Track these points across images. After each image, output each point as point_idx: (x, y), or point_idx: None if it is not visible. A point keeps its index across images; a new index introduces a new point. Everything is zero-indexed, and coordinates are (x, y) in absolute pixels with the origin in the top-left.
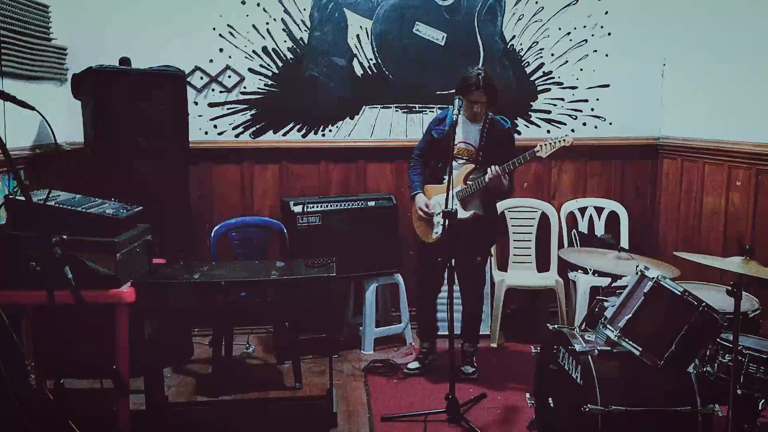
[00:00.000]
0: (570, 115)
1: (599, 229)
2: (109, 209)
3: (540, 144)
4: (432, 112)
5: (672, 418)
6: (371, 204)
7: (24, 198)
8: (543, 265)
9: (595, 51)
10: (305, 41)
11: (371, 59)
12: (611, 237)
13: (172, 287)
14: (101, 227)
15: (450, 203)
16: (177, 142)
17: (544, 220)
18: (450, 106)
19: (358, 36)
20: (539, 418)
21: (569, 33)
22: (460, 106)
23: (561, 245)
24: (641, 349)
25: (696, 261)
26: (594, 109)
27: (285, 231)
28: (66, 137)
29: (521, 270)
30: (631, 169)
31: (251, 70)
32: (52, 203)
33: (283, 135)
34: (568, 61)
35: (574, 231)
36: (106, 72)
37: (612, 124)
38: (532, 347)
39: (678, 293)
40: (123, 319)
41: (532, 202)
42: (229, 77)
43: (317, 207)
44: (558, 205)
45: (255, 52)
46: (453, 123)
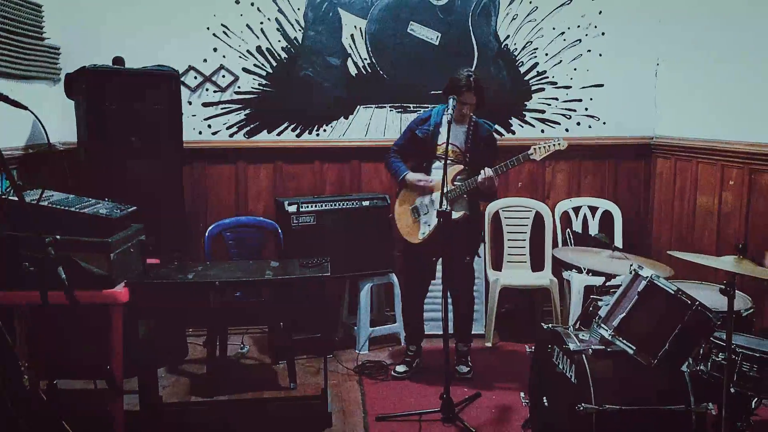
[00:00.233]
0: (564, 115)
1: (593, 229)
2: (103, 209)
3: (534, 147)
4: None
5: (666, 416)
6: (366, 204)
7: (17, 198)
8: (537, 265)
9: (589, 51)
10: (299, 41)
11: (365, 59)
12: (605, 236)
13: (166, 287)
14: (95, 227)
15: (444, 203)
16: (171, 142)
17: (538, 219)
18: (434, 106)
19: (352, 36)
20: (534, 417)
21: (563, 33)
22: (454, 106)
23: (555, 245)
24: (635, 348)
25: (689, 260)
26: (588, 109)
27: (279, 231)
28: (59, 137)
29: (516, 269)
30: (625, 169)
31: (245, 69)
32: (45, 203)
33: (278, 135)
34: (562, 61)
35: (568, 230)
36: (99, 72)
37: (606, 123)
38: (526, 346)
39: (671, 292)
40: (117, 320)
41: (526, 201)
42: (223, 77)
43: (312, 207)
44: (552, 205)
45: (249, 51)
46: (449, 122)
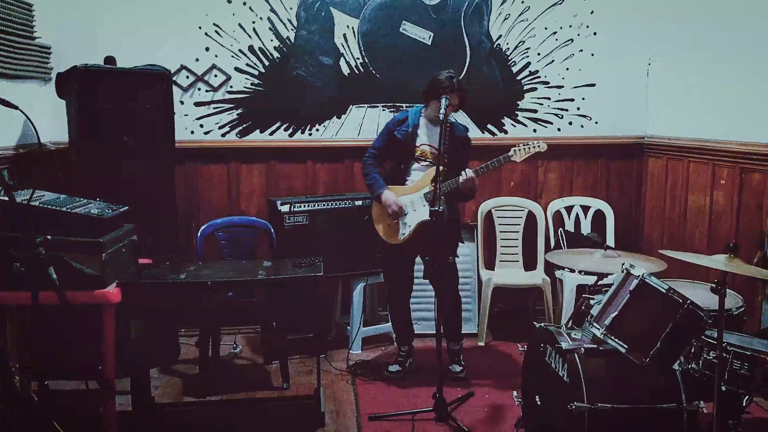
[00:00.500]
0: (556, 114)
1: (585, 228)
2: (95, 209)
3: (514, 149)
4: None
5: (658, 415)
6: (358, 203)
7: (7, 198)
8: (530, 264)
9: (581, 50)
10: (292, 40)
11: (358, 58)
12: (597, 235)
13: (158, 287)
14: (86, 227)
15: (437, 203)
16: (163, 141)
17: (530, 219)
18: (410, 107)
19: (344, 35)
20: (527, 416)
21: (555, 32)
22: (446, 105)
23: (548, 244)
24: (627, 347)
25: (681, 259)
26: (580, 108)
27: (272, 231)
28: (51, 137)
29: (508, 269)
30: (617, 168)
31: (238, 69)
32: (36, 203)
33: (270, 134)
34: (554, 61)
35: (560, 230)
36: (90, 71)
37: (598, 123)
38: (519, 346)
39: (663, 291)
40: (109, 320)
41: (518, 201)
42: (216, 76)
43: (304, 206)
44: (545, 204)
45: (241, 51)
46: (443, 122)
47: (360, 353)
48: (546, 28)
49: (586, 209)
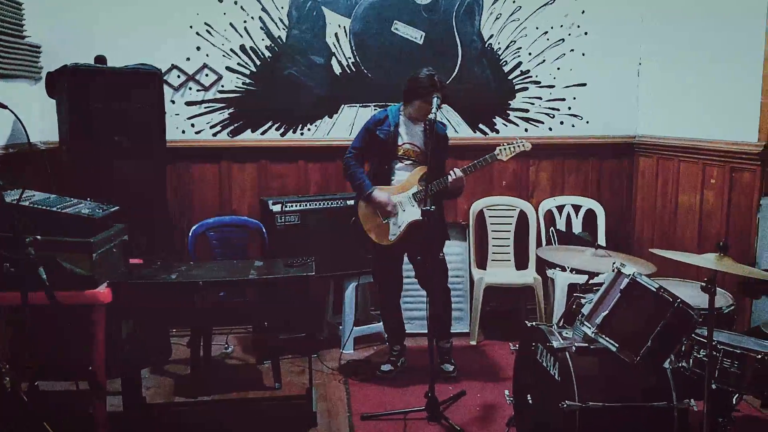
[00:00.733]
0: (548, 114)
1: (577, 227)
2: (85, 209)
3: (499, 148)
4: None
5: (649, 413)
6: (350, 203)
7: None
8: (522, 263)
9: (572, 50)
10: (283, 39)
11: (350, 58)
12: (588, 235)
13: (149, 288)
14: (77, 227)
15: (428, 203)
16: (154, 140)
17: (522, 218)
18: (388, 106)
19: (336, 34)
20: (518, 414)
21: (546, 32)
22: (438, 105)
23: (539, 243)
24: (618, 346)
25: (671, 258)
26: (571, 108)
27: (264, 230)
28: (41, 136)
29: (500, 268)
30: (608, 168)
31: (229, 68)
32: (26, 203)
33: (262, 134)
34: (545, 60)
35: (552, 229)
36: (81, 70)
37: (589, 122)
38: (510, 345)
39: (653, 290)
40: (99, 321)
41: (510, 200)
42: (207, 76)
43: (296, 206)
44: (536, 204)
45: (233, 50)
46: (433, 121)
47: (352, 353)
48: (537, 27)
49: (577, 208)
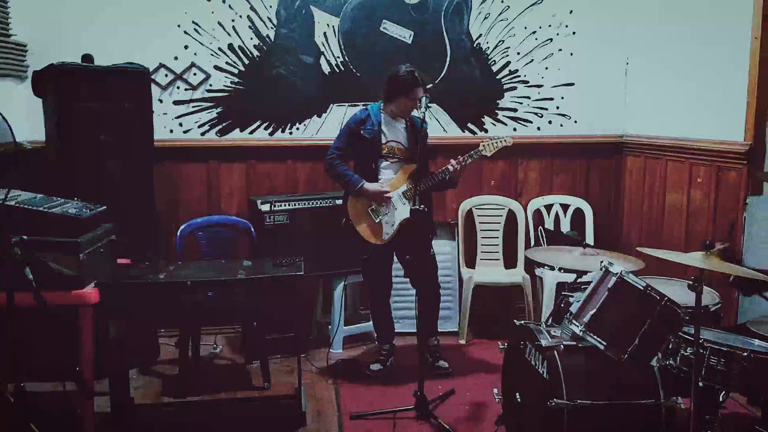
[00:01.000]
0: (536, 113)
1: (565, 226)
2: (72, 209)
3: (482, 144)
4: None
5: (636, 410)
6: (339, 202)
7: None
8: (510, 262)
9: (560, 50)
10: (272, 39)
11: (338, 57)
12: (576, 234)
13: (137, 288)
14: (64, 227)
15: (416, 201)
16: (141, 140)
17: (511, 217)
18: (368, 104)
19: (325, 34)
20: (507, 412)
21: (534, 32)
22: (427, 103)
23: (528, 242)
24: (606, 344)
25: (659, 256)
26: (559, 108)
27: (252, 230)
28: (27, 136)
29: (489, 267)
30: (596, 167)
31: (217, 67)
32: (12, 203)
33: (250, 133)
34: (533, 60)
35: (540, 228)
36: (67, 69)
37: (577, 122)
38: (499, 343)
39: (641, 288)
40: (87, 321)
41: (499, 199)
42: (195, 75)
43: (285, 206)
44: (524, 203)
45: (221, 49)
46: (421, 120)
47: (341, 352)
48: (526, 27)
49: (565, 207)
